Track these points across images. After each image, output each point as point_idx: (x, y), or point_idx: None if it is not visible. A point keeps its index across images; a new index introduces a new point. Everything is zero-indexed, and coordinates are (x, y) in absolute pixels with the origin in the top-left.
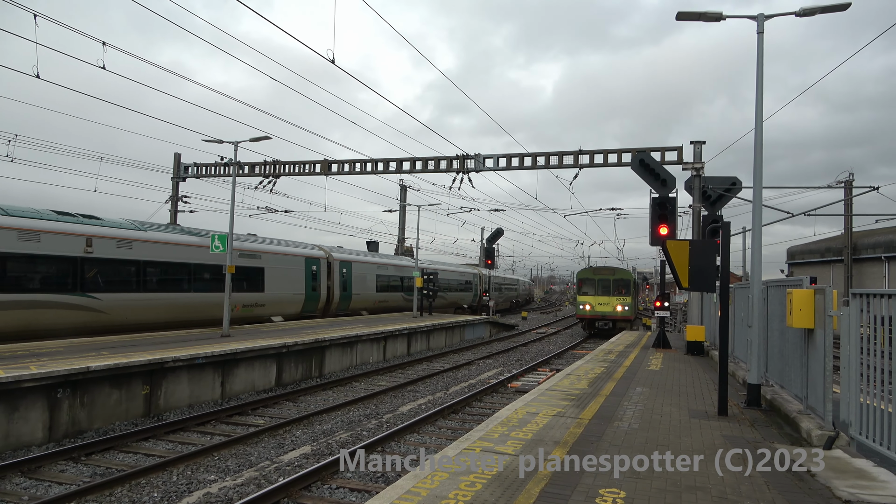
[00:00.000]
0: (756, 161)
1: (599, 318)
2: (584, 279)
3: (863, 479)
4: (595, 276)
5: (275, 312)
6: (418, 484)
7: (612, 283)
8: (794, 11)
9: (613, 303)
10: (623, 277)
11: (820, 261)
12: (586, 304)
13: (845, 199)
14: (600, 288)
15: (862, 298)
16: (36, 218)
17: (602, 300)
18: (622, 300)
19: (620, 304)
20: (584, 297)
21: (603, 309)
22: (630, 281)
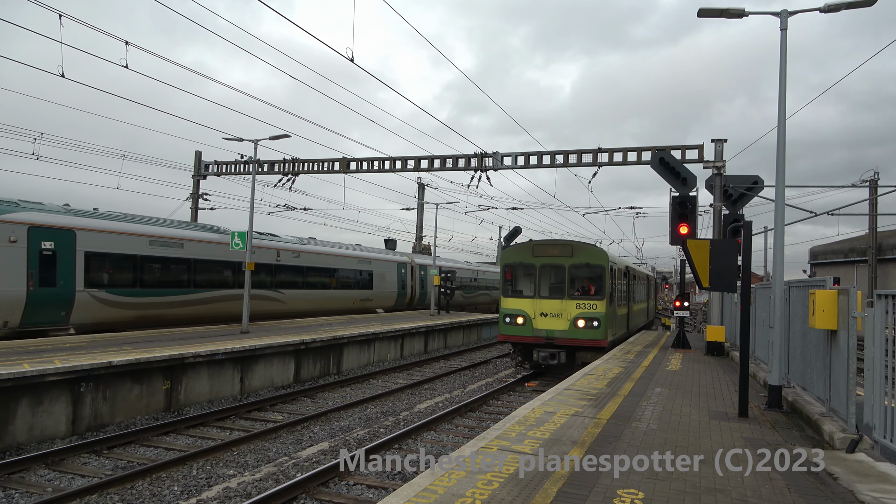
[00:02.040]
0: (779, 159)
1: (543, 341)
2: (516, 264)
3: (887, 482)
4: (536, 260)
5: (378, 305)
6: (435, 482)
7: (570, 271)
8: (819, 7)
9: (570, 311)
10: (590, 261)
11: (843, 261)
12: (517, 316)
13: (870, 199)
14: (546, 281)
15: (887, 300)
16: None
17: (548, 306)
18: (589, 306)
19: (585, 314)
20: (514, 300)
21: (549, 325)
22: (604, 269)
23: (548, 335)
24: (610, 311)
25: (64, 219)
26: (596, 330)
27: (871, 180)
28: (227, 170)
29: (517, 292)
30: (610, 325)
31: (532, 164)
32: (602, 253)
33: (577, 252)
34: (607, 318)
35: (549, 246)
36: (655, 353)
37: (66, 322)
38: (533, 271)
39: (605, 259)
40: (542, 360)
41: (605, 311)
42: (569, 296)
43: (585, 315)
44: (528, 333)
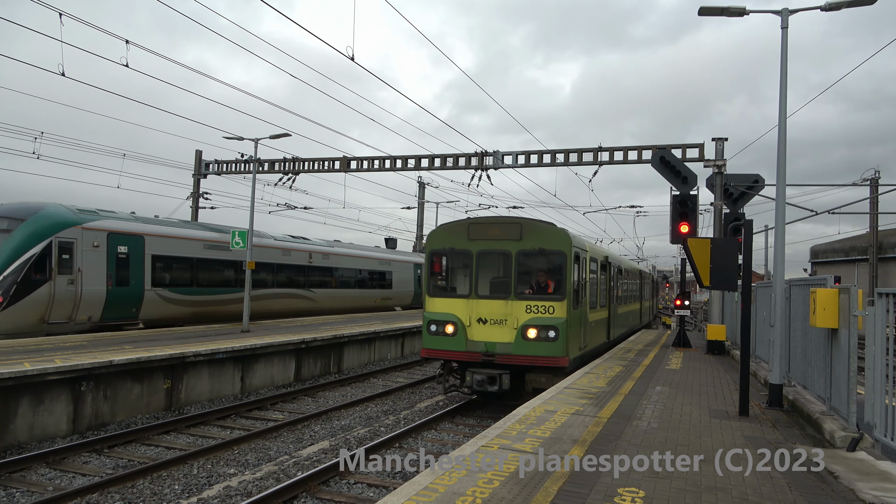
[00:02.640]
0: (780, 157)
1: (480, 359)
2: (445, 251)
3: (887, 481)
4: (472, 244)
5: (397, 304)
6: (436, 480)
7: (518, 261)
8: (820, 6)
9: (517, 316)
10: (545, 246)
11: (844, 260)
12: (445, 323)
13: (871, 197)
14: (486, 275)
15: (888, 298)
16: (284, 240)
17: (487, 310)
18: (543, 308)
19: (538, 320)
20: (442, 301)
21: (489, 335)
22: (565, 258)
23: (486, 350)
24: (574, 315)
25: (134, 225)
26: (552, 343)
27: (871, 179)
28: (227, 169)
29: (446, 290)
30: (574, 335)
31: (532, 163)
32: (562, 235)
33: (527, 234)
34: (570, 325)
35: (489, 225)
36: (656, 352)
37: (136, 318)
38: (468, 261)
39: (566, 243)
40: (476, 386)
41: (565, 315)
42: (516, 294)
43: (538, 322)
44: (460, 347)
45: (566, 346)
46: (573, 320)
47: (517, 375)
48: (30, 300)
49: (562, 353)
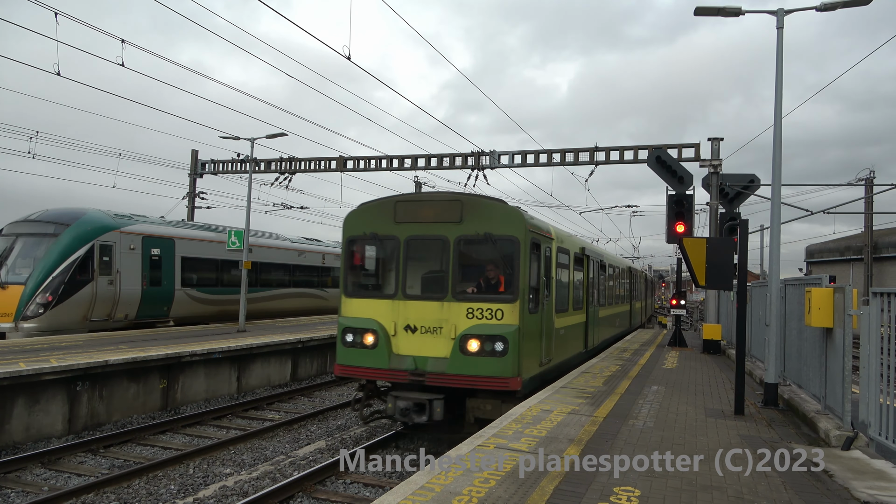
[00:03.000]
0: (775, 157)
1: (406, 378)
2: (366, 238)
3: (882, 480)
4: (399, 229)
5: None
6: (432, 480)
7: (457, 250)
8: (815, 6)
9: (456, 323)
10: (493, 231)
11: (839, 259)
12: (364, 332)
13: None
14: (416, 268)
15: (882, 297)
16: (299, 242)
17: (418, 314)
18: (489, 313)
19: (482, 328)
20: (361, 302)
21: (419, 348)
22: (518, 246)
23: (416, 367)
24: (531, 322)
25: (165, 229)
26: (499, 359)
27: (866, 179)
28: (223, 168)
29: (367, 288)
30: (531, 348)
31: (529, 163)
32: (514, 216)
33: (470, 214)
34: (524, 335)
35: (421, 204)
36: (652, 352)
37: (167, 315)
38: (395, 250)
39: (519, 227)
40: (400, 415)
41: (517, 322)
42: (455, 294)
43: (482, 330)
44: (381, 364)
45: (517, 363)
46: (529, 328)
47: (455, 401)
48: (75, 299)
49: (511, 373)
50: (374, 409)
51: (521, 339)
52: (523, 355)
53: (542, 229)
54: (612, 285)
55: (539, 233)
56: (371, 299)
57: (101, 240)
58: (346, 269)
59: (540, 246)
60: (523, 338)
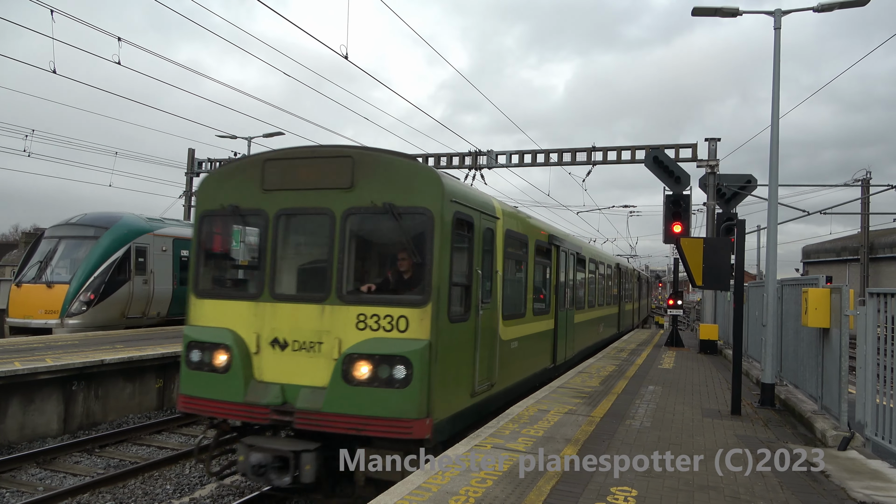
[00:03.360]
0: (772, 158)
1: (267, 417)
2: (225, 213)
3: (878, 480)
4: (267, 200)
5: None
6: (429, 480)
7: (346, 227)
8: (812, 7)
9: (340, 336)
10: (396, 200)
11: (836, 260)
12: (214, 349)
13: (862, 198)
14: (290, 256)
15: (879, 298)
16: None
17: (290, 323)
18: (386, 322)
19: (374, 345)
20: (213, 305)
21: (288, 373)
22: (432, 220)
23: (282, 402)
24: (454, 335)
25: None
26: (398, 393)
27: (863, 180)
28: None
29: (223, 285)
30: (452, 373)
31: (526, 163)
32: (428, 179)
33: (364, 176)
34: (439, 354)
35: (298, 164)
36: (649, 352)
37: None
38: (262, 230)
39: (433, 194)
40: (253, 472)
41: (426, 335)
42: (342, 294)
43: (375, 348)
44: (236, 396)
45: (427, 398)
46: (450, 343)
47: (333, 452)
48: (114, 297)
49: (415, 412)
50: (228, 462)
51: (433, 361)
52: (438, 385)
53: (477, 202)
54: (595, 284)
55: (470, 206)
56: (228, 300)
57: (136, 242)
58: (197, 257)
59: (473, 226)
60: (438, 358)
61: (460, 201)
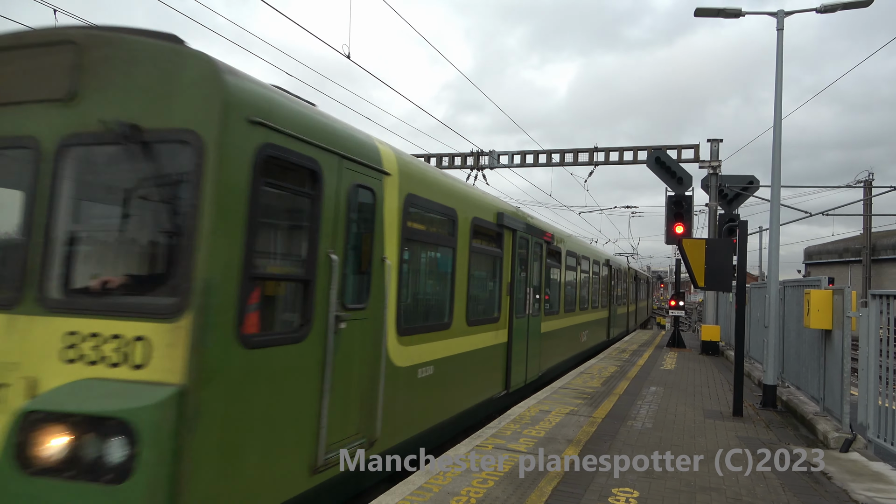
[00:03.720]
0: (774, 159)
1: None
2: None
3: (880, 482)
4: None
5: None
6: (430, 480)
7: (63, 167)
8: (815, 7)
9: (37, 371)
10: (145, 118)
11: (838, 261)
12: None
13: (864, 199)
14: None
15: (881, 300)
16: None
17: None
18: (120, 342)
19: (83, 392)
20: None
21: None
22: (203, 151)
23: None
24: (259, 370)
25: None
26: (110, 495)
27: (865, 181)
28: None
29: None
30: (243, 450)
31: (528, 163)
32: (200, 75)
33: (94, 77)
34: (211, 413)
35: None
36: (651, 353)
37: None
38: None
39: (209, 104)
40: None
41: (179, 377)
42: (41, 295)
43: (79, 402)
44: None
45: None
46: (243, 386)
47: None
48: None
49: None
50: None
51: (188, 428)
52: (205, 472)
53: (331, 135)
54: (577, 284)
55: (311, 141)
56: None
57: None
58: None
59: (319, 176)
60: (208, 420)
61: (281, 126)
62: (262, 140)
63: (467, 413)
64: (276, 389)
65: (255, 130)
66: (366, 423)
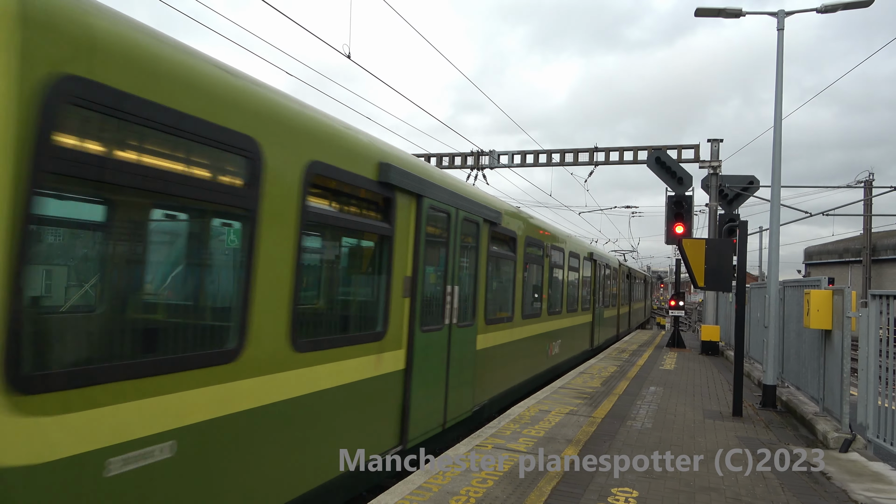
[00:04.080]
0: (775, 159)
1: None
2: None
3: (879, 482)
4: None
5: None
6: (430, 480)
7: None
8: (816, 7)
9: None
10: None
11: (838, 261)
12: None
13: (865, 199)
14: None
15: (881, 300)
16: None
17: None
18: None
19: None
20: None
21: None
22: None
23: None
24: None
25: None
26: None
27: (865, 181)
28: None
29: None
30: None
31: (528, 163)
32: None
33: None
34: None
35: None
36: (650, 353)
37: None
38: None
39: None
40: None
41: None
42: None
43: None
44: None
45: None
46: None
47: None
48: None
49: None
50: None
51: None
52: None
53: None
54: (542, 282)
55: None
56: None
57: None
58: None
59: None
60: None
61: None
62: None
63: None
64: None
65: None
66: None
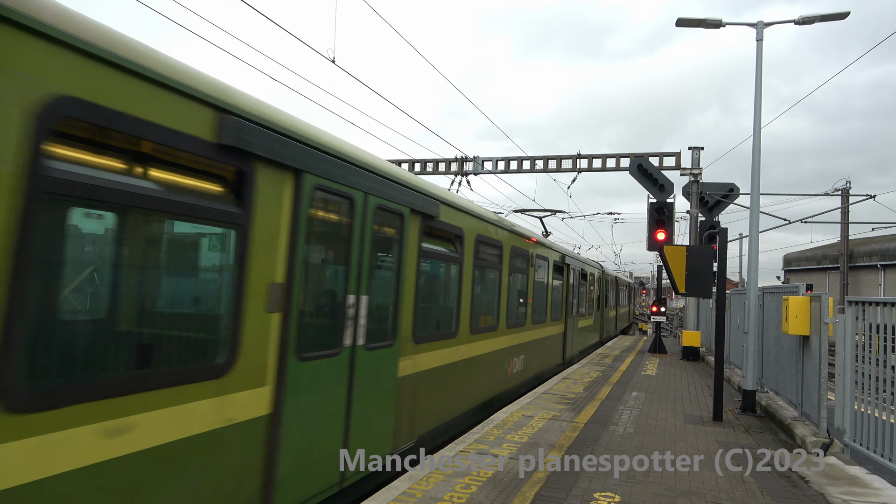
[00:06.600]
0: (754, 168)
1: None
2: None
3: (856, 485)
4: None
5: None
6: (413, 486)
7: None
8: (794, 19)
9: None
10: None
11: (816, 268)
12: None
13: (842, 207)
14: None
15: (857, 306)
16: None
17: None
18: None
19: None
20: None
21: None
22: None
23: None
24: None
25: None
26: None
27: (842, 189)
28: None
29: None
30: None
31: (512, 169)
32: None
33: None
34: None
35: None
36: (633, 358)
37: None
38: None
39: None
40: None
41: None
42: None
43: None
44: None
45: None
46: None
47: None
48: None
49: None
50: None
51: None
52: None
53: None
54: (497, 288)
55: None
56: None
57: None
58: None
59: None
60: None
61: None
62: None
63: None
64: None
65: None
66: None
